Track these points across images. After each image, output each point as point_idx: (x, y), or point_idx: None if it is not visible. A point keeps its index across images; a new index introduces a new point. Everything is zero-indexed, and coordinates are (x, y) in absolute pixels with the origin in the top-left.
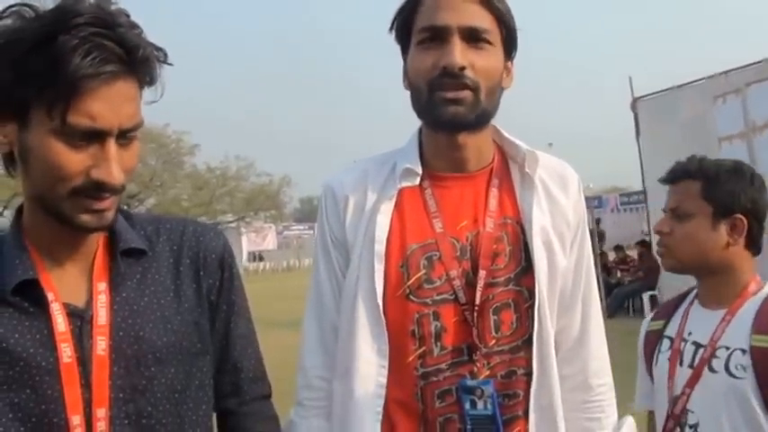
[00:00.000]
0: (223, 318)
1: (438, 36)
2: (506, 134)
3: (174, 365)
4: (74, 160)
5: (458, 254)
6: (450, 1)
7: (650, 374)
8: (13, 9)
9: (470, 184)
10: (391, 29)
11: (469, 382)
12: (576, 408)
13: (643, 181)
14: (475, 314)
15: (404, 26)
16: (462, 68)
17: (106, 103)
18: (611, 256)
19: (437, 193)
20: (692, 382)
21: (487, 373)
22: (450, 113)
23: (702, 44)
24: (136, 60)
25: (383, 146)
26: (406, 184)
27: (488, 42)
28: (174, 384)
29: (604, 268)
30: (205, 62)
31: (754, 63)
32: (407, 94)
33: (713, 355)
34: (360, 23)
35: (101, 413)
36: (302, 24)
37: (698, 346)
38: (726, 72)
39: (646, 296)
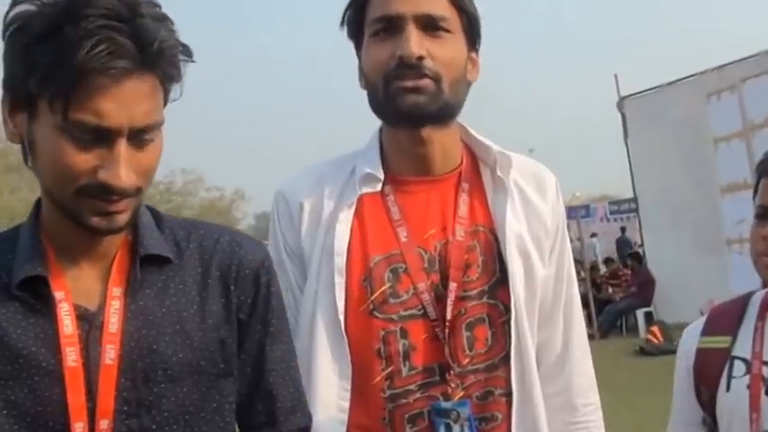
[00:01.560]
0: (256, 339)
1: (392, 26)
2: (476, 134)
3: (188, 385)
4: (79, 159)
5: (426, 265)
6: None
7: (700, 400)
8: None
9: (437, 189)
10: (342, 23)
11: (443, 405)
12: (561, 430)
13: (633, 186)
14: (446, 330)
15: (355, 19)
16: (420, 58)
17: (115, 101)
18: (601, 269)
19: (401, 200)
20: None
21: (461, 394)
22: (409, 103)
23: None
24: (151, 55)
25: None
26: (366, 189)
27: (447, 30)
28: (186, 405)
29: (594, 284)
30: None
31: (751, 56)
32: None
33: None
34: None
35: (104, 424)
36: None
37: None
38: (719, 67)
39: (640, 313)
